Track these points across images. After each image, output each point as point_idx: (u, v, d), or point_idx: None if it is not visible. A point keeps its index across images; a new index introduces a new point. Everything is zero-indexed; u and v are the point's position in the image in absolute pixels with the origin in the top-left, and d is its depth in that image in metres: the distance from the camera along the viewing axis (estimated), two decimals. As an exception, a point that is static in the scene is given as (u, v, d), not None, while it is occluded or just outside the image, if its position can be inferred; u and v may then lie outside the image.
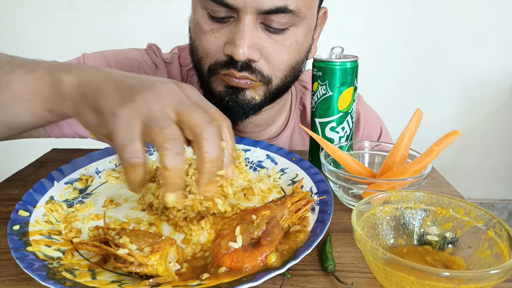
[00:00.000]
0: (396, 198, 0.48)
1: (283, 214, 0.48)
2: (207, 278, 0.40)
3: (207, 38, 0.68)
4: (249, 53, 0.64)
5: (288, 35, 0.67)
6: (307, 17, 0.68)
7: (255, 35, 0.64)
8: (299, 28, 0.68)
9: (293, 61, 0.70)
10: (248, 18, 0.63)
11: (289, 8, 0.63)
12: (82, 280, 0.39)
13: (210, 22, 0.67)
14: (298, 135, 0.90)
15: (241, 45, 0.63)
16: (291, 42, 0.68)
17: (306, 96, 0.92)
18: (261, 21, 0.65)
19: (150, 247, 0.41)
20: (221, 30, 0.66)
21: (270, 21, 0.64)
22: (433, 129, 1.55)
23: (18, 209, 0.50)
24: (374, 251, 0.37)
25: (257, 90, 0.70)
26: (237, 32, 0.64)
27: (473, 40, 1.92)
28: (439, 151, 0.55)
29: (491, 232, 0.42)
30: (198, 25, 0.68)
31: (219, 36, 0.67)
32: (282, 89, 0.74)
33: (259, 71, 0.67)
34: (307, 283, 0.42)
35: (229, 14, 0.64)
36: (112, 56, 0.85)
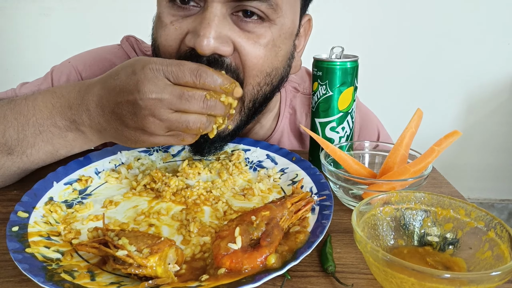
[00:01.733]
0: (397, 199, 0.47)
1: (283, 215, 0.48)
2: (207, 280, 0.39)
3: (166, 33, 0.59)
4: (215, 45, 0.54)
5: (264, 31, 0.59)
6: (284, 16, 0.60)
7: (224, 26, 0.56)
8: (275, 26, 0.60)
9: (269, 65, 0.61)
10: (216, 5, 0.54)
11: None
12: (81, 281, 0.39)
13: (172, 12, 0.58)
14: (287, 140, 0.86)
15: (206, 35, 0.53)
16: (267, 41, 0.59)
17: (296, 99, 0.85)
18: (232, 11, 0.57)
19: (149, 248, 0.41)
20: (183, 21, 0.57)
21: (243, 12, 0.56)
22: (433, 129, 1.55)
23: (17, 210, 0.50)
24: (375, 252, 0.37)
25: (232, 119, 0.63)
26: (202, 20, 0.54)
27: (473, 40, 1.92)
28: (440, 151, 0.55)
29: (492, 233, 0.42)
30: (159, 19, 0.60)
31: (180, 27, 0.57)
32: (259, 102, 0.65)
33: (229, 69, 0.58)
34: (307, 284, 0.42)
35: (195, 3, 0.57)
36: (80, 62, 0.83)
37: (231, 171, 0.65)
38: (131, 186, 0.61)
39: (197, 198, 0.57)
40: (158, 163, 0.69)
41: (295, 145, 0.87)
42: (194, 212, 0.54)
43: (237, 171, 0.66)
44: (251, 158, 0.70)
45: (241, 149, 0.72)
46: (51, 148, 0.58)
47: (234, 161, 0.67)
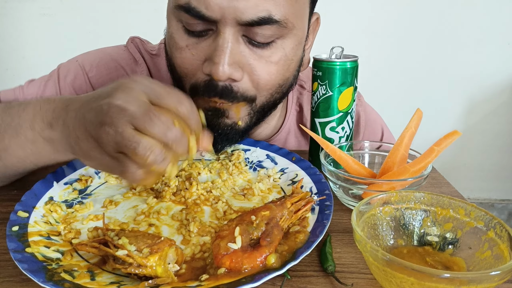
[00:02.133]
0: (396, 199, 0.47)
1: (283, 215, 0.48)
2: (207, 279, 0.39)
3: (183, 56, 0.60)
4: (230, 71, 0.56)
5: (275, 49, 0.59)
6: (296, 28, 0.60)
7: (236, 51, 0.57)
8: (287, 41, 0.60)
9: (280, 78, 0.63)
10: (228, 31, 0.56)
11: (274, 18, 0.55)
12: (81, 281, 0.39)
13: (186, 36, 0.59)
14: (293, 138, 0.86)
15: (220, 62, 0.55)
16: (279, 58, 0.60)
17: (303, 96, 0.86)
18: (243, 33, 0.57)
19: (149, 248, 0.41)
20: (198, 45, 0.59)
21: (254, 34, 0.57)
22: (433, 129, 1.55)
23: (17, 210, 0.50)
24: (374, 252, 0.37)
25: (240, 112, 0.63)
26: (216, 48, 0.56)
27: (473, 40, 1.92)
28: (439, 151, 0.55)
29: (491, 233, 0.42)
30: (173, 40, 0.61)
31: (196, 53, 0.59)
32: (268, 107, 0.67)
33: (241, 94, 0.60)
34: (307, 284, 0.42)
35: (207, 27, 0.57)
36: (87, 61, 0.82)
37: (231, 171, 0.65)
38: (131, 186, 0.61)
39: (197, 198, 0.57)
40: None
41: (302, 142, 0.87)
42: (194, 212, 0.54)
43: (237, 171, 0.66)
44: (251, 158, 0.70)
45: (241, 149, 0.72)
46: (22, 153, 0.54)
47: (234, 161, 0.67)
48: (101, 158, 0.44)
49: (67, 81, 0.80)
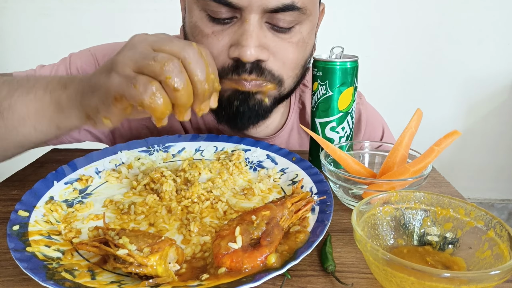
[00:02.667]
0: (396, 199, 0.47)
1: (283, 215, 0.48)
2: (207, 279, 0.39)
3: (209, 42, 0.64)
4: (257, 53, 0.61)
5: (294, 33, 0.65)
6: (312, 14, 0.66)
7: (261, 35, 0.62)
8: (304, 26, 0.66)
9: (301, 59, 0.69)
10: (254, 18, 0.60)
11: (297, 5, 0.61)
12: (81, 280, 0.39)
13: (211, 24, 0.63)
14: (296, 134, 0.88)
15: (249, 45, 0.60)
16: (297, 40, 0.66)
17: (305, 94, 0.89)
18: (266, 20, 0.62)
19: (149, 247, 0.41)
20: (223, 32, 0.63)
21: (277, 20, 0.62)
22: (433, 129, 1.55)
23: (17, 209, 0.50)
24: (374, 251, 0.37)
25: (268, 94, 0.68)
26: (243, 33, 0.61)
27: (473, 40, 1.92)
28: (439, 151, 0.55)
29: (491, 233, 0.42)
30: (197, 28, 0.65)
31: (222, 39, 0.63)
32: (292, 90, 0.73)
33: (269, 71, 0.65)
34: (307, 284, 0.42)
35: (232, 14, 0.62)
36: (99, 52, 0.84)
37: (231, 171, 0.66)
38: (131, 186, 0.61)
39: (197, 198, 0.57)
40: (159, 163, 0.69)
41: (305, 139, 0.88)
42: (194, 211, 0.54)
43: (237, 171, 0.66)
44: (251, 158, 0.70)
45: (241, 149, 0.72)
46: (24, 112, 0.53)
47: (234, 161, 0.67)
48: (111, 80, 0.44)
49: (78, 68, 0.82)
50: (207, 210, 0.55)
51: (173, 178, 0.61)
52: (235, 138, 0.74)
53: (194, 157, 0.72)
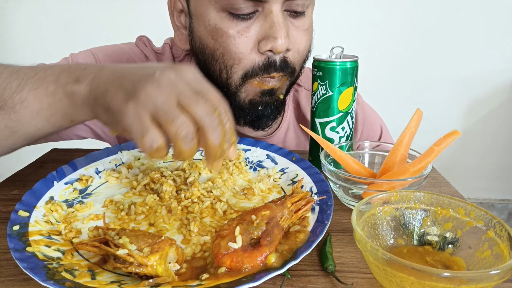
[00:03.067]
0: (396, 198, 0.48)
1: (283, 214, 0.48)
2: (207, 279, 0.39)
3: (236, 42, 0.64)
4: (287, 43, 0.63)
5: (305, 18, 0.67)
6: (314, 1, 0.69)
7: (286, 24, 0.64)
8: (309, 9, 0.68)
9: (310, 44, 0.71)
10: (276, 8, 0.62)
11: None
12: (81, 280, 0.39)
13: (234, 23, 0.63)
14: (293, 133, 0.88)
15: (281, 36, 0.62)
16: (308, 25, 0.68)
17: (299, 93, 0.90)
18: (285, 8, 0.64)
19: (149, 247, 0.41)
20: (249, 28, 0.64)
21: (295, 5, 0.64)
22: (433, 129, 1.55)
23: (18, 209, 0.50)
24: (374, 251, 0.37)
25: (282, 88, 0.70)
26: (272, 25, 0.62)
27: (473, 40, 1.92)
28: (439, 151, 0.55)
29: (491, 233, 0.42)
30: (220, 30, 0.64)
31: (249, 36, 0.64)
32: (297, 78, 0.74)
33: (292, 64, 0.67)
34: (307, 284, 0.42)
35: (254, 8, 0.63)
36: (100, 52, 0.84)
37: (231, 171, 0.66)
38: (131, 186, 0.61)
39: (197, 198, 0.57)
40: (159, 163, 0.70)
41: (301, 138, 0.89)
42: (194, 211, 0.54)
43: (237, 171, 0.66)
44: (251, 158, 0.70)
45: (241, 149, 0.72)
46: (37, 106, 0.52)
47: (234, 161, 0.68)
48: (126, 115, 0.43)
49: None
50: (207, 210, 0.55)
51: (173, 178, 0.62)
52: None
53: (194, 157, 0.72)
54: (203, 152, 0.71)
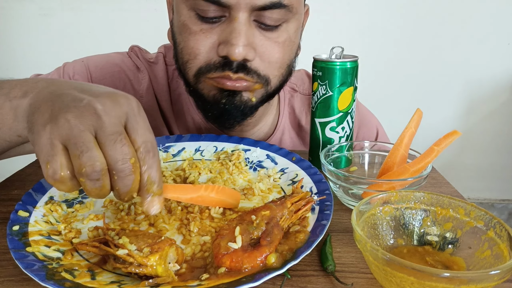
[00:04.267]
0: (396, 198, 0.48)
1: (283, 214, 0.48)
2: (207, 279, 0.39)
3: (196, 38, 0.64)
4: (245, 52, 0.62)
5: (280, 32, 0.66)
6: (298, 13, 0.67)
7: (249, 33, 0.62)
8: (290, 24, 0.67)
9: (287, 58, 0.69)
10: (242, 16, 0.61)
11: (284, 3, 0.62)
12: (81, 280, 0.39)
13: (200, 22, 0.64)
14: (288, 138, 0.89)
15: (237, 44, 0.61)
16: (284, 39, 0.67)
17: (294, 99, 0.89)
18: (254, 18, 0.63)
19: (149, 247, 0.41)
20: (212, 30, 0.64)
21: (264, 18, 0.63)
22: (433, 129, 1.55)
23: (17, 209, 0.50)
24: (374, 251, 0.37)
25: (255, 93, 0.69)
26: (232, 31, 0.61)
27: (473, 40, 1.92)
28: (439, 151, 0.55)
29: (491, 233, 0.42)
30: (185, 26, 0.65)
31: (210, 36, 0.64)
32: (278, 89, 0.73)
33: (254, 71, 0.65)
34: (307, 284, 0.42)
35: (220, 13, 0.62)
36: (92, 63, 0.84)
37: (231, 171, 0.66)
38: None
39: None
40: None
41: (296, 141, 0.89)
42: (194, 211, 0.54)
43: (237, 171, 0.66)
44: (251, 158, 0.70)
45: (241, 149, 0.72)
46: None
47: (234, 161, 0.68)
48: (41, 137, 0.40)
49: (71, 77, 0.82)
50: (207, 211, 0.55)
51: (173, 178, 0.61)
52: (235, 138, 0.74)
53: (194, 157, 0.72)
54: (203, 152, 0.72)
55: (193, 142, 0.74)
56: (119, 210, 0.55)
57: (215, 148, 0.73)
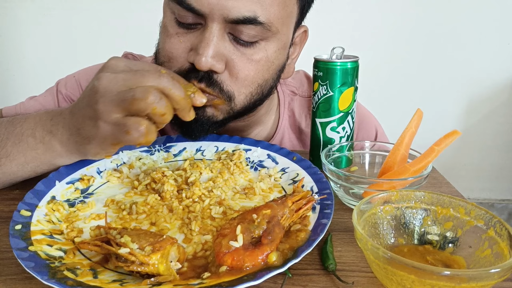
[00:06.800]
0: (397, 198, 0.48)
1: (284, 213, 0.48)
2: (208, 277, 0.40)
3: (171, 41, 0.64)
4: (212, 63, 0.59)
5: (257, 49, 0.63)
6: (280, 33, 0.64)
7: (220, 45, 0.60)
8: (270, 44, 0.63)
9: (260, 78, 0.66)
10: (215, 26, 0.59)
11: (259, 20, 0.59)
12: (83, 279, 0.39)
13: (177, 26, 0.63)
14: (288, 141, 0.88)
15: (204, 54, 0.59)
16: (260, 57, 0.63)
17: (294, 102, 0.88)
18: (229, 31, 0.61)
19: (151, 246, 0.41)
20: (186, 35, 0.63)
21: (239, 32, 0.60)
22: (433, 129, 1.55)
23: (20, 209, 0.50)
24: (375, 250, 0.37)
25: (219, 109, 0.66)
26: (202, 40, 0.60)
27: (473, 40, 1.92)
28: (439, 151, 0.56)
29: (491, 232, 0.42)
30: (165, 28, 0.65)
31: (184, 42, 0.63)
32: (249, 107, 0.69)
33: (218, 84, 0.62)
34: (308, 282, 0.42)
35: (197, 21, 0.61)
36: (82, 77, 0.85)
37: (232, 170, 0.66)
38: (132, 186, 0.62)
39: (198, 197, 0.57)
40: (160, 163, 0.70)
41: (296, 144, 0.89)
42: (195, 211, 0.54)
43: (238, 171, 0.66)
44: (252, 157, 0.71)
45: (242, 149, 0.72)
46: (23, 160, 0.58)
47: (235, 161, 0.68)
48: (102, 131, 0.48)
49: (64, 95, 0.84)
50: (208, 210, 0.55)
51: (174, 178, 0.62)
52: (236, 138, 0.75)
53: (195, 157, 0.72)
54: (204, 152, 0.72)
55: (194, 142, 0.74)
56: (121, 209, 0.55)
57: (216, 148, 0.73)
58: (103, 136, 0.49)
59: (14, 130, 0.59)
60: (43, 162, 0.58)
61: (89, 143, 0.52)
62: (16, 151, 0.58)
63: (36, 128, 0.57)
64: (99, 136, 0.49)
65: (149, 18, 1.87)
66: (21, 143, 0.58)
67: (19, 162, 0.58)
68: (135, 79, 0.48)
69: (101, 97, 0.47)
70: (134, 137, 0.47)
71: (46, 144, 0.57)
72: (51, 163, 0.59)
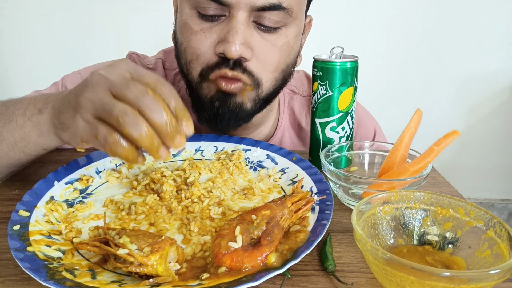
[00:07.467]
0: (396, 198, 0.48)
1: (283, 214, 0.48)
2: (207, 278, 0.40)
3: (197, 38, 0.65)
4: (242, 50, 0.62)
5: (279, 35, 0.66)
6: (298, 18, 0.67)
7: (247, 33, 0.63)
8: (290, 29, 0.67)
9: (283, 63, 0.69)
10: (241, 15, 0.62)
11: (283, 5, 0.62)
12: (82, 280, 0.39)
13: (200, 21, 0.65)
14: (288, 140, 0.89)
15: (234, 42, 0.61)
16: (282, 43, 0.67)
17: (294, 101, 0.90)
18: (253, 19, 0.64)
19: (150, 247, 0.41)
20: (211, 29, 0.64)
21: (263, 19, 0.63)
22: (433, 129, 1.55)
23: (18, 209, 0.50)
24: (374, 251, 0.37)
25: (247, 96, 0.68)
26: (230, 29, 0.62)
27: (473, 40, 1.92)
28: (439, 151, 0.55)
29: (491, 232, 0.42)
30: (187, 25, 0.66)
31: (210, 36, 0.65)
32: (272, 94, 0.72)
33: (249, 71, 0.65)
34: (307, 283, 0.42)
35: (221, 12, 0.63)
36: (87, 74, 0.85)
37: (231, 171, 0.66)
38: (131, 186, 0.61)
39: (197, 198, 0.57)
40: (159, 163, 0.70)
41: (296, 142, 0.89)
42: (194, 211, 0.54)
43: (237, 171, 0.66)
44: (252, 158, 0.71)
45: (241, 149, 0.72)
46: (11, 140, 0.58)
47: (234, 161, 0.68)
48: (77, 124, 0.46)
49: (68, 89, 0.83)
50: (207, 210, 0.55)
51: (173, 178, 0.62)
52: (235, 138, 0.74)
53: (195, 157, 0.72)
54: (203, 152, 0.72)
55: (194, 142, 0.74)
56: (120, 210, 0.55)
57: (215, 148, 0.73)
58: (76, 128, 0.47)
59: (7, 111, 0.59)
60: (30, 141, 0.57)
61: (62, 130, 0.51)
62: (5, 131, 0.58)
63: (28, 107, 0.57)
64: (73, 127, 0.48)
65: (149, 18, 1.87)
66: (11, 122, 0.57)
67: (8, 142, 0.58)
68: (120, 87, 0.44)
69: (88, 92, 0.45)
70: (100, 144, 0.45)
71: (33, 121, 0.55)
72: (36, 143, 0.57)
